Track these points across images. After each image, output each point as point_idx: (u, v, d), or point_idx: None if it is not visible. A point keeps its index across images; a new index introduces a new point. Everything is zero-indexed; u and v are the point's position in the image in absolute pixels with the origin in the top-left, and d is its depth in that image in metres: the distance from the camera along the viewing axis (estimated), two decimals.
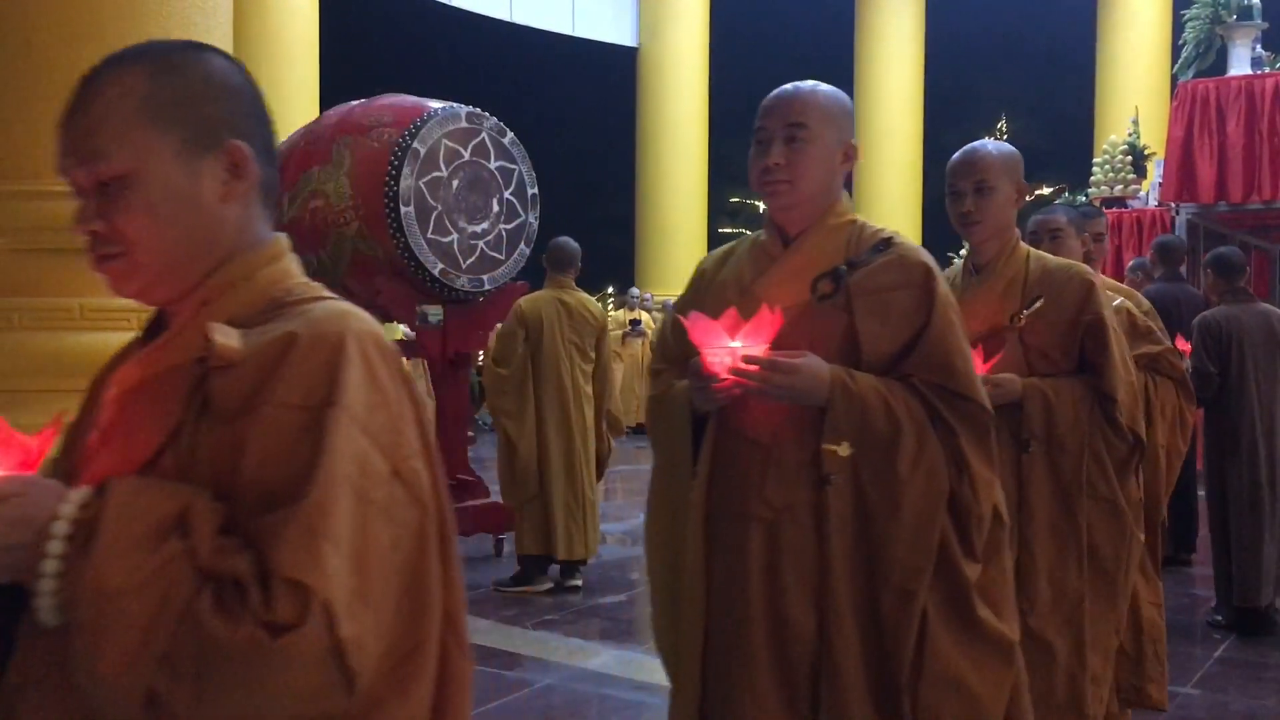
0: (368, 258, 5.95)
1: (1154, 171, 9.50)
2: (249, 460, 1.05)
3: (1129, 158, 9.65)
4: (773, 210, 2.15)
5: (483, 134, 6.11)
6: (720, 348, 1.96)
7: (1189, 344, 5.04)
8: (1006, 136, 17.30)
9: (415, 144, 5.80)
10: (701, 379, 1.98)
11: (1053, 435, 2.68)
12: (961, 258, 3.02)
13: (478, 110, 6.14)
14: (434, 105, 6.07)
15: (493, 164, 6.14)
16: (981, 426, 2.01)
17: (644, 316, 14.07)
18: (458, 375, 6.47)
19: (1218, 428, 5.19)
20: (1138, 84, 14.19)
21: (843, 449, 1.95)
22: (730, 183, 18.87)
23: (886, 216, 15.54)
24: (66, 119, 1.16)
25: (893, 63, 16.31)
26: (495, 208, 6.15)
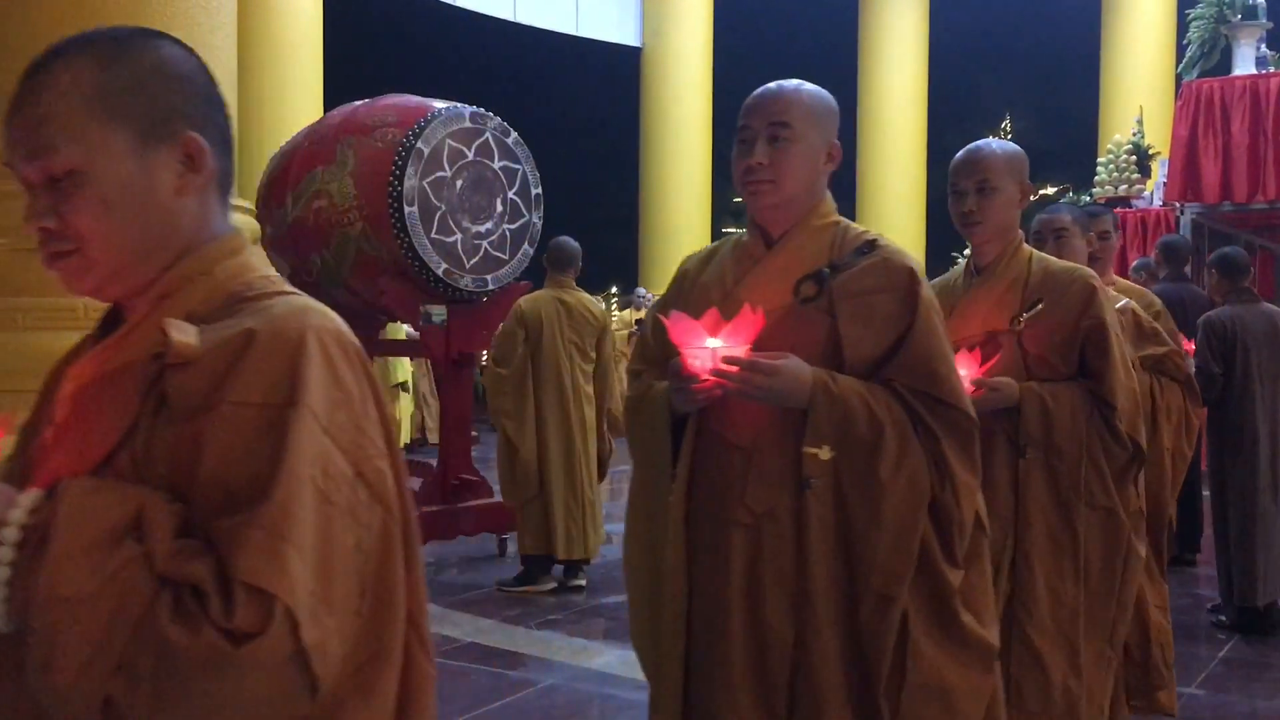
0: (371, 258, 5.95)
1: (1158, 171, 9.48)
2: (207, 460, 1.02)
3: (1133, 157, 9.63)
4: (755, 211, 2.12)
5: (486, 134, 6.11)
6: (700, 348, 1.94)
7: (1193, 344, 5.03)
8: (1010, 136, 17.26)
9: (419, 144, 5.81)
10: (681, 380, 1.96)
11: (1050, 442, 2.63)
12: (965, 258, 2.98)
13: (481, 110, 6.14)
14: (438, 105, 6.07)
15: (496, 164, 6.14)
16: (964, 432, 1.99)
17: None
18: (461, 375, 6.47)
19: (1221, 428, 5.18)
20: (1142, 83, 14.16)
21: (824, 452, 1.93)
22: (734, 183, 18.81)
23: (890, 216, 15.53)
24: (13, 111, 1.12)
25: (896, 62, 16.29)
26: (499, 208, 6.15)
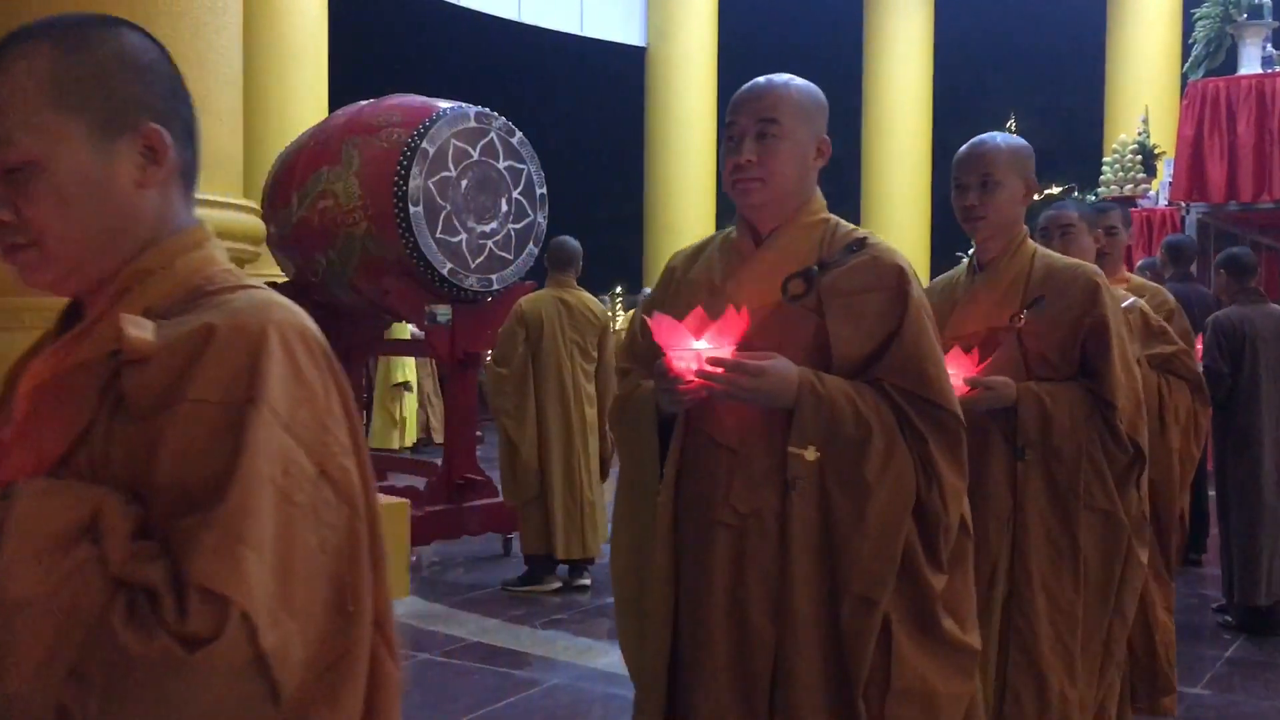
0: (376, 258, 5.96)
1: (1164, 171, 9.47)
2: (164, 460, 0.99)
3: (1139, 157, 9.62)
4: (744, 208, 2.09)
5: (491, 134, 6.11)
6: (685, 349, 1.92)
7: (1199, 344, 5.02)
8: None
9: (424, 144, 5.81)
10: (666, 380, 1.93)
11: (1049, 443, 2.56)
12: (969, 258, 2.95)
13: (486, 110, 6.14)
14: (442, 105, 6.07)
15: (501, 164, 6.15)
16: (952, 435, 1.95)
17: None
18: (466, 375, 6.48)
19: (1227, 427, 5.17)
20: (1147, 83, 14.13)
21: (809, 453, 1.90)
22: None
23: (894, 216, 15.54)
24: None
25: (901, 62, 16.28)
26: (504, 207, 6.16)
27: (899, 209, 15.75)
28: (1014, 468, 2.58)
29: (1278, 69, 8.54)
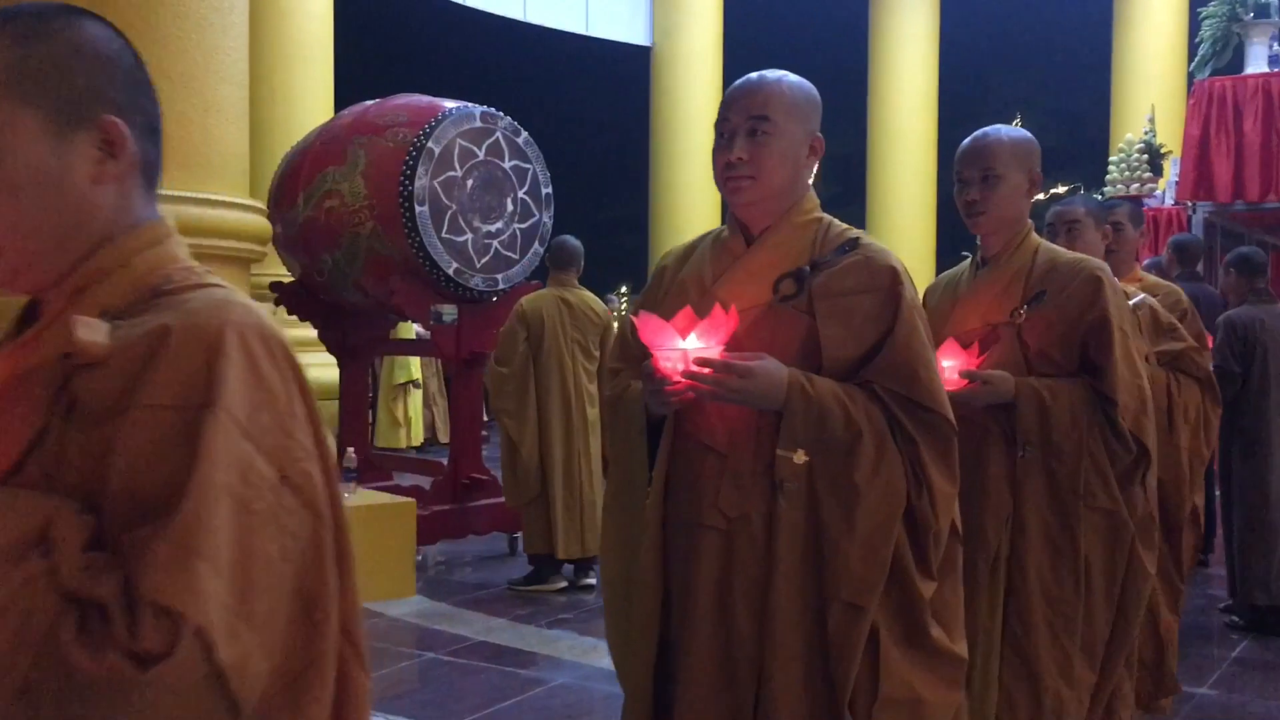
0: (382, 257, 5.97)
1: (1170, 170, 9.44)
2: (117, 468, 0.96)
3: (1145, 156, 9.60)
4: (735, 207, 2.06)
5: (497, 133, 6.12)
6: (672, 349, 1.89)
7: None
8: None
9: (430, 144, 5.82)
10: (654, 381, 1.90)
11: (1048, 440, 2.51)
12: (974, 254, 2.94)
13: (492, 110, 6.15)
14: (448, 105, 6.08)
15: (507, 163, 6.15)
16: (944, 439, 1.92)
17: None
18: (472, 375, 6.48)
19: (1233, 427, 5.16)
20: (1154, 82, 14.10)
21: (798, 456, 1.87)
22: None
23: (900, 216, 15.53)
24: None
25: (906, 63, 16.26)
26: (509, 207, 6.16)
27: (905, 209, 15.73)
28: (1013, 465, 2.54)
29: None
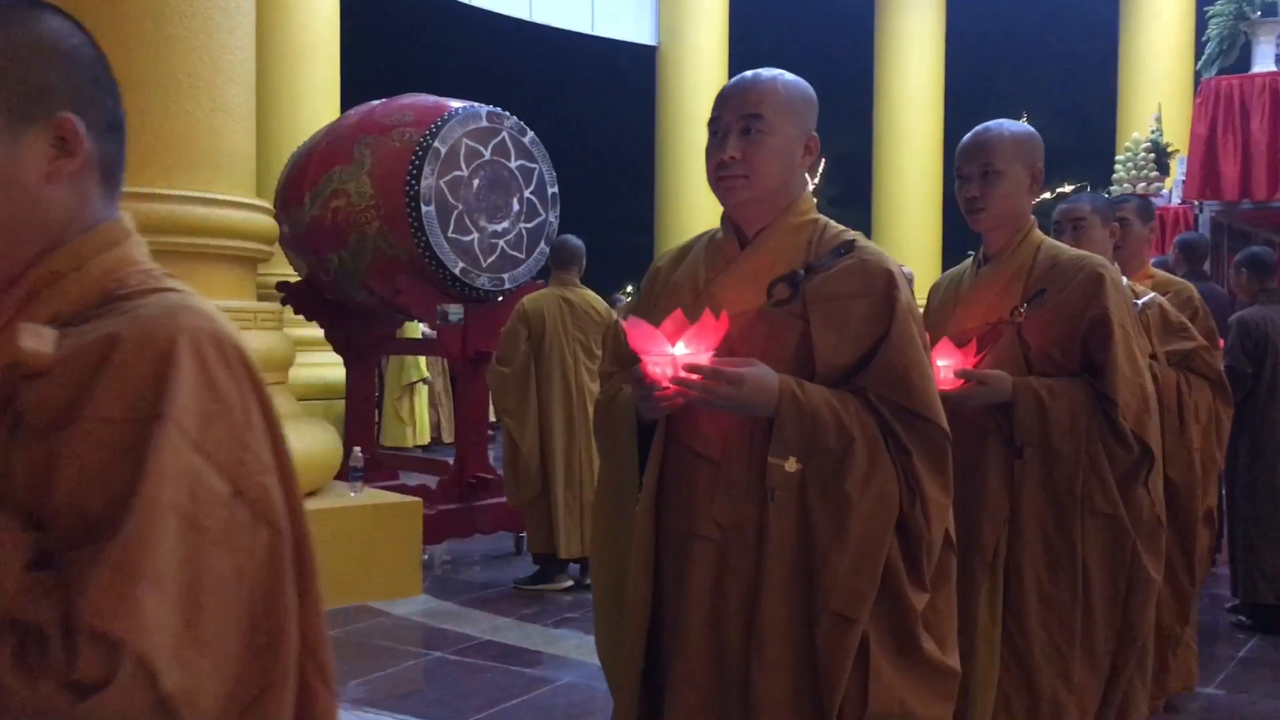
0: (389, 257, 5.97)
1: (1177, 169, 9.43)
2: (62, 483, 0.91)
3: (1151, 155, 9.58)
4: (729, 207, 2.02)
5: (503, 133, 6.13)
6: (661, 354, 1.84)
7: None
8: None
9: (436, 143, 5.83)
10: (643, 386, 1.85)
11: (1047, 441, 2.45)
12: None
13: (498, 110, 6.16)
14: (454, 105, 6.09)
15: (513, 163, 6.16)
16: (938, 448, 1.88)
17: None
18: (478, 374, 6.49)
19: (1242, 427, 5.14)
20: (1160, 81, 14.07)
21: (790, 464, 1.83)
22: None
23: (905, 217, 15.51)
24: None
25: (912, 62, 16.24)
26: (515, 207, 6.17)
27: (910, 208, 15.71)
28: (1011, 467, 2.50)
29: None
